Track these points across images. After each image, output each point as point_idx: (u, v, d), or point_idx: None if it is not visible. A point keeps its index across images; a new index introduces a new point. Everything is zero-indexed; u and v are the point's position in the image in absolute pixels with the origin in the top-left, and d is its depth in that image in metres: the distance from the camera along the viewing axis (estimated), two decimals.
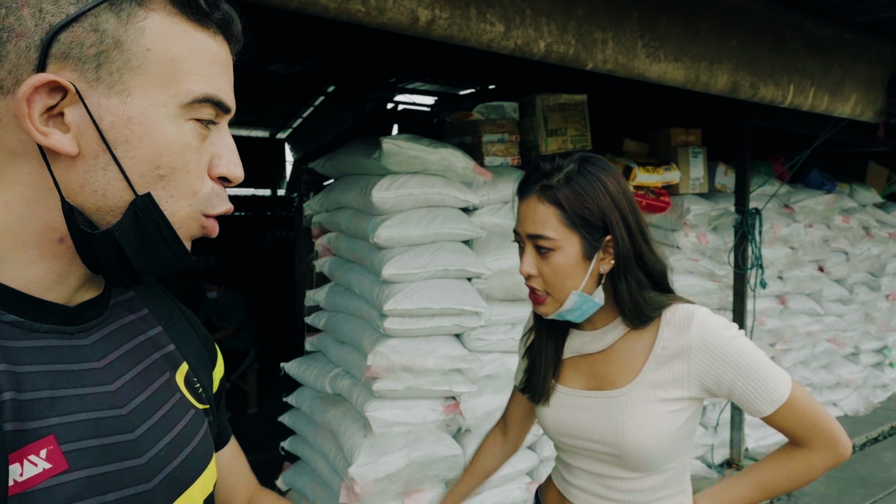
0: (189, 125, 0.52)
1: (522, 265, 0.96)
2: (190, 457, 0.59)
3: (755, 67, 1.97)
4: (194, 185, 0.53)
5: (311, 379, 2.37)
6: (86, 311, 0.55)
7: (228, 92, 0.55)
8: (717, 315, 0.94)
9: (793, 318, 3.63)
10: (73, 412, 0.49)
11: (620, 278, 0.93)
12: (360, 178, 2.20)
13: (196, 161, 0.53)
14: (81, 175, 0.49)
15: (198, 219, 0.55)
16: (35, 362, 0.49)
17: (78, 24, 0.47)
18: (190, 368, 0.65)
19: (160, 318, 0.65)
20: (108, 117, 0.48)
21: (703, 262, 3.11)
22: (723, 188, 3.29)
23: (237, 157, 0.56)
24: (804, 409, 0.91)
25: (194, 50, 0.51)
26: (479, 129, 2.38)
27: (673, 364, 0.93)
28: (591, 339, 1.01)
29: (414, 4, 1.26)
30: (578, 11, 1.53)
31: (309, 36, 3.42)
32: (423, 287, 2.04)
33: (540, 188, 0.94)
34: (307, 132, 8.07)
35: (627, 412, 0.94)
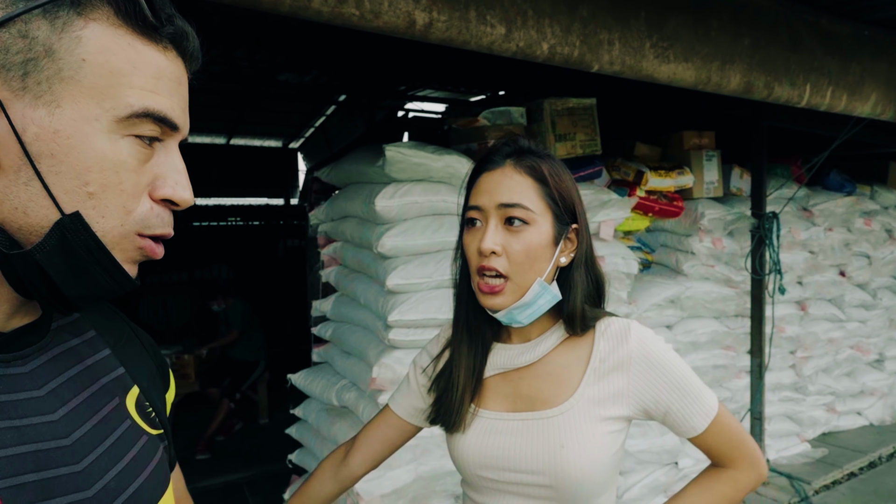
0: (126, 142, 0.48)
1: (485, 240, 0.82)
2: (143, 486, 0.55)
3: (769, 67, 1.91)
4: (128, 205, 0.49)
5: (318, 391, 2.33)
6: (23, 337, 0.52)
7: (177, 109, 0.51)
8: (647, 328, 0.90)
9: (814, 324, 3.52)
10: (9, 445, 0.46)
11: (578, 272, 0.87)
12: (364, 187, 2.17)
13: (132, 180, 0.49)
14: (1, 190, 0.46)
15: (132, 240, 0.51)
16: None
17: (4, 30, 0.44)
18: (141, 392, 0.62)
19: (109, 340, 0.62)
20: (32, 129, 0.45)
21: (719, 268, 3.02)
22: (738, 192, 3.21)
23: (185, 180, 0.53)
24: (730, 426, 0.88)
25: (137, 63, 0.48)
26: (485, 135, 2.34)
27: (612, 378, 0.85)
28: (518, 353, 0.89)
29: (410, 7, 1.23)
30: (583, 12, 1.48)
31: (318, 45, 3.41)
32: (428, 297, 2.00)
33: (516, 158, 0.86)
34: (319, 141, 8.11)
35: (566, 433, 0.83)
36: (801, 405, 3.52)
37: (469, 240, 0.86)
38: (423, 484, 2.05)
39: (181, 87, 0.52)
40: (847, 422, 3.82)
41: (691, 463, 2.83)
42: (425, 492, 2.06)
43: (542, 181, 0.84)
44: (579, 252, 0.88)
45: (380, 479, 1.97)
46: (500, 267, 0.82)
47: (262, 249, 7.79)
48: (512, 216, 0.82)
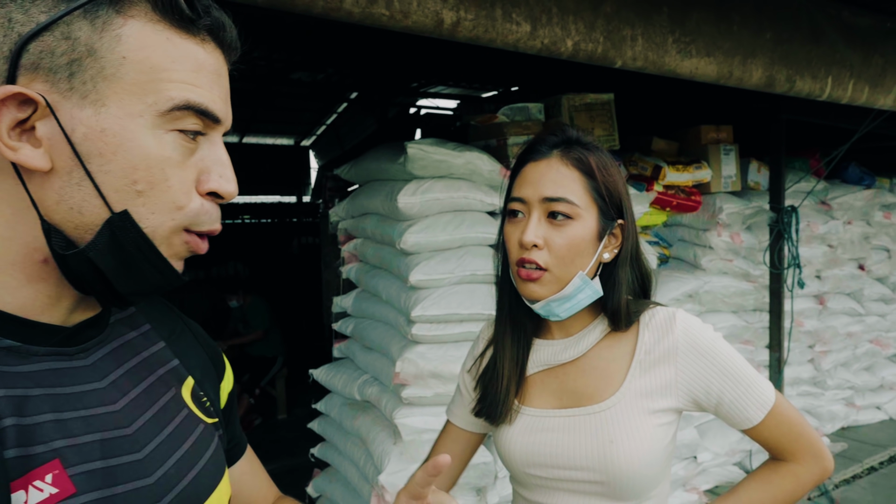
0: (170, 137, 0.49)
1: (527, 232, 0.80)
2: (201, 474, 0.57)
3: (791, 60, 1.91)
4: (178, 200, 0.50)
5: (340, 385, 2.36)
6: (84, 331, 0.54)
7: (218, 101, 0.51)
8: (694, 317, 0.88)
9: (832, 318, 3.50)
10: (78, 434, 0.48)
11: (622, 269, 0.85)
12: (385, 184, 2.19)
13: (179, 176, 0.50)
14: (57, 191, 0.47)
15: (180, 236, 0.51)
16: (36, 386, 0.47)
17: (48, 33, 0.45)
18: (196, 382, 0.63)
19: (163, 333, 0.63)
20: (80, 129, 0.46)
21: (738, 262, 3.02)
22: (756, 186, 3.20)
23: (230, 172, 0.53)
24: (790, 417, 0.84)
25: (177, 57, 0.48)
26: (503, 132, 2.35)
27: (659, 369, 0.83)
28: (562, 348, 0.88)
29: (438, 7, 1.25)
30: (606, 8, 1.49)
31: (331, 43, 3.44)
32: (450, 293, 2.02)
33: (563, 150, 0.83)
34: (331, 139, 8.14)
35: (615, 428, 0.81)
36: (820, 400, 3.50)
37: (510, 231, 0.84)
38: None
39: (221, 79, 0.52)
40: (866, 416, 3.80)
41: (710, 457, 2.84)
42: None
43: (589, 174, 0.82)
44: (624, 249, 0.85)
45: (404, 472, 2.00)
46: (540, 260, 0.81)
47: (277, 247, 7.85)
48: (556, 210, 0.81)
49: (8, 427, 0.44)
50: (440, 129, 4.39)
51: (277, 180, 8.82)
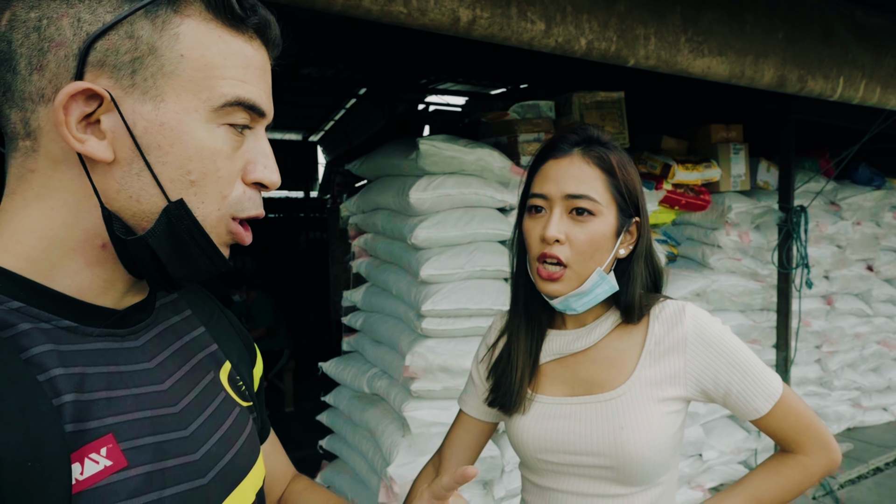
0: (221, 130, 0.52)
1: (550, 227, 0.82)
2: (238, 453, 0.60)
3: (803, 60, 1.91)
4: (224, 190, 0.53)
5: (349, 379, 2.39)
6: (134, 314, 0.56)
7: (263, 96, 0.54)
8: (703, 310, 0.90)
9: (840, 319, 3.50)
10: (130, 411, 0.51)
11: (637, 265, 0.87)
12: (396, 180, 2.21)
13: (227, 167, 0.53)
14: (118, 181, 0.50)
15: (227, 223, 0.55)
16: (91, 364, 0.50)
17: (114, 32, 0.47)
18: (233, 367, 0.66)
19: (202, 319, 0.67)
20: (141, 123, 0.49)
21: (746, 262, 3.02)
22: (765, 185, 3.20)
23: (273, 163, 0.56)
24: (797, 408, 0.86)
25: (228, 55, 0.51)
26: (514, 129, 2.37)
27: (668, 360, 0.86)
28: (574, 338, 0.90)
29: (455, 5, 1.26)
30: (620, 7, 1.50)
31: (341, 39, 3.45)
32: (460, 288, 2.04)
33: (585, 148, 0.85)
34: (339, 134, 8.16)
35: (625, 415, 0.84)
36: (827, 400, 3.51)
37: (531, 226, 0.86)
38: None
39: (266, 75, 0.55)
40: (873, 417, 3.80)
41: (715, 455, 2.85)
42: None
43: (610, 173, 0.85)
44: (640, 245, 0.88)
45: (412, 465, 2.02)
46: (562, 255, 0.83)
47: (284, 241, 7.89)
48: (579, 207, 0.83)
49: (67, 403, 0.47)
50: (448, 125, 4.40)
51: (285, 175, 8.73)
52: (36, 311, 0.49)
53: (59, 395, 0.46)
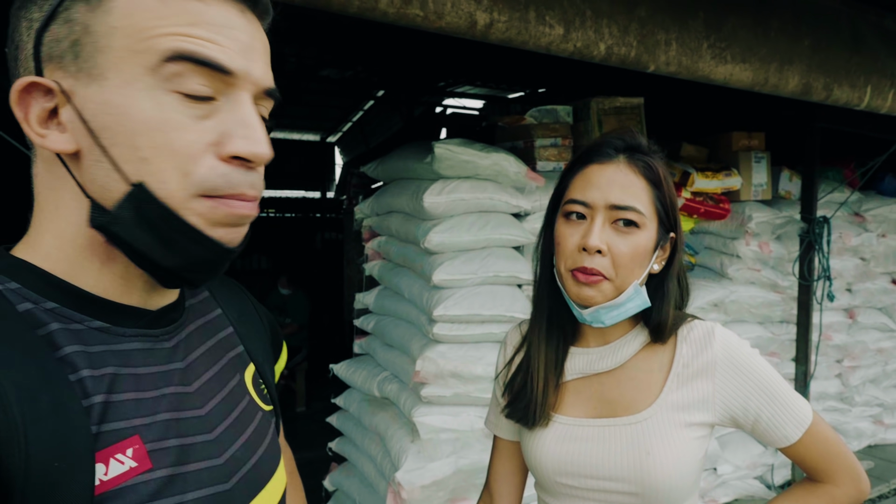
0: (170, 98, 0.47)
1: (592, 237, 0.77)
2: (261, 459, 0.59)
3: (829, 68, 1.86)
4: (185, 166, 0.47)
5: (360, 381, 2.38)
6: (167, 314, 0.56)
7: (229, 53, 0.48)
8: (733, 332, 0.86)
9: (862, 333, 3.41)
10: (157, 412, 0.50)
11: (672, 282, 0.84)
12: (411, 183, 2.20)
13: (183, 139, 0.47)
14: (88, 171, 0.48)
15: (201, 203, 0.48)
16: (123, 365, 0.50)
17: (54, 23, 0.47)
18: (256, 368, 0.65)
19: (232, 316, 0.65)
20: (90, 106, 0.47)
21: (766, 273, 2.96)
22: (787, 195, 3.13)
23: (255, 133, 0.49)
24: (827, 436, 0.83)
25: (164, 14, 0.46)
26: (531, 134, 2.35)
27: (696, 383, 0.82)
28: (598, 357, 0.86)
29: (472, 8, 1.25)
30: (641, 12, 1.48)
31: (360, 41, 3.46)
32: (473, 293, 2.02)
33: (630, 155, 0.81)
34: (356, 135, 8.20)
35: (651, 440, 0.80)
36: (847, 416, 3.42)
37: (568, 232, 0.82)
38: (462, 477, 2.07)
39: (235, 31, 0.49)
40: (895, 435, 3.70)
41: (730, 470, 2.79)
42: (465, 485, 2.09)
43: (655, 184, 0.81)
44: (675, 262, 0.85)
45: (420, 471, 2.01)
46: (601, 267, 0.79)
47: (300, 241, 7.94)
48: (624, 218, 0.79)
49: (97, 403, 0.47)
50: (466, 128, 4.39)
51: (302, 175, 8.92)
52: (70, 311, 0.49)
53: (88, 396, 0.47)
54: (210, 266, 0.52)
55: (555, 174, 2.33)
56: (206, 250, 0.50)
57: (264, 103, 0.53)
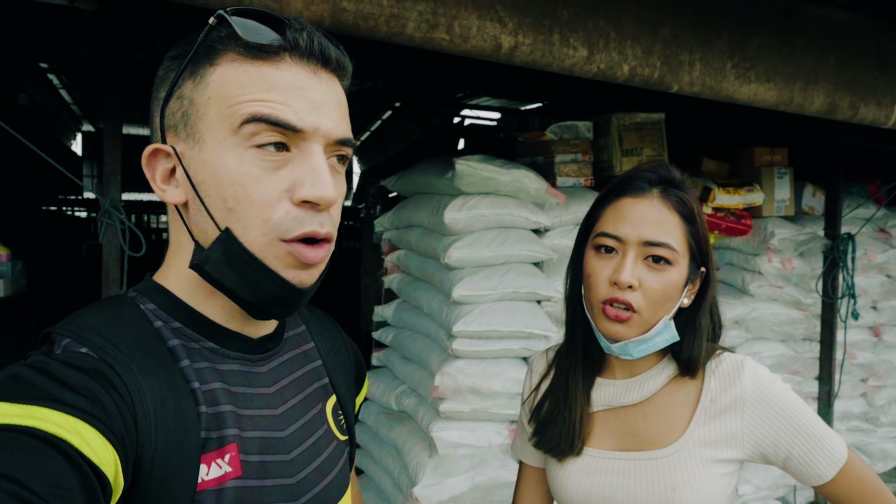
0: (249, 154, 0.54)
1: (624, 272, 0.77)
2: (330, 484, 0.64)
3: (855, 87, 1.84)
4: (263, 214, 0.54)
5: (378, 394, 2.39)
6: (265, 343, 0.63)
7: (299, 111, 0.54)
8: (763, 366, 0.85)
9: (888, 352, 3.34)
10: (248, 429, 0.57)
11: (704, 317, 0.84)
12: (431, 198, 2.22)
13: (260, 190, 0.54)
14: (192, 219, 0.57)
15: (279, 247, 0.55)
16: (225, 382, 0.57)
17: (172, 99, 0.56)
18: (338, 400, 0.71)
19: (323, 349, 0.72)
20: (193, 165, 0.56)
21: (788, 290, 2.92)
22: (810, 210, 3.09)
23: (322, 178, 0.55)
24: (864, 475, 0.80)
25: (246, 83, 0.54)
26: (551, 149, 2.35)
27: (724, 419, 0.81)
28: (625, 389, 0.86)
29: (497, 31, 1.26)
30: (665, 33, 1.48)
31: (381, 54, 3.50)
32: (492, 309, 2.03)
33: (664, 190, 0.81)
34: (375, 145, 8.27)
35: (678, 476, 0.80)
36: (872, 437, 3.34)
37: (599, 265, 0.82)
38: (479, 493, 2.07)
39: (306, 91, 0.55)
40: None
41: (752, 490, 2.74)
42: (482, 501, 2.08)
43: (689, 220, 0.81)
44: (707, 296, 0.84)
45: (438, 486, 2.01)
46: (633, 301, 0.78)
47: None
48: (657, 255, 0.79)
49: (204, 412, 0.54)
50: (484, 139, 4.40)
51: None
52: (189, 331, 0.58)
53: (198, 405, 0.54)
54: (285, 303, 0.58)
55: (575, 190, 2.33)
56: (280, 289, 0.56)
57: (341, 150, 0.59)
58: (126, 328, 0.54)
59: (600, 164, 2.47)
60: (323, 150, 0.56)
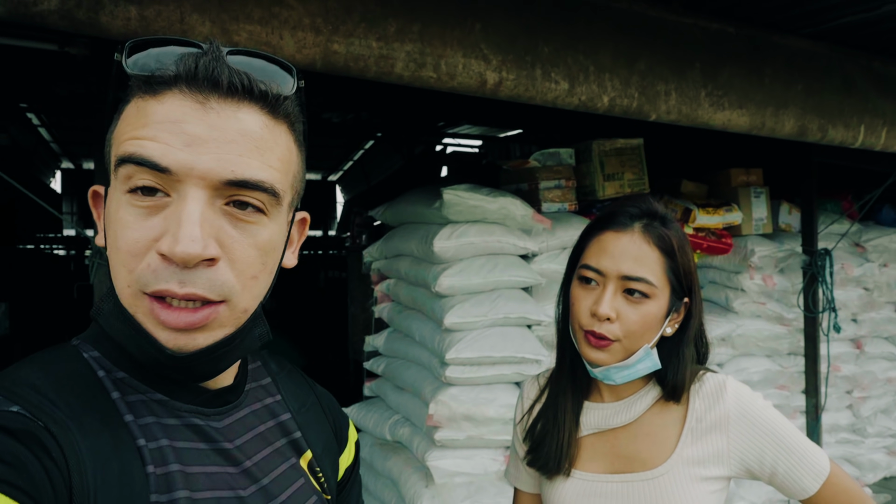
0: (125, 199, 0.49)
1: (602, 306, 0.81)
2: None
3: (823, 110, 1.93)
4: (129, 263, 0.48)
5: (371, 425, 2.38)
6: (223, 395, 0.57)
7: (169, 148, 0.47)
8: (744, 384, 0.88)
9: (870, 363, 3.41)
10: (201, 489, 0.51)
11: (688, 348, 0.87)
12: (420, 227, 2.25)
13: (127, 237, 0.48)
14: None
15: (143, 300, 0.48)
16: (173, 439, 0.51)
17: (106, 139, 0.53)
18: (314, 457, 0.64)
19: (293, 406, 0.66)
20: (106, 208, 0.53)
21: (771, 306, 2.98)
22: (787, 228, 3.18)
23: (184, 230, 0.46)
24: (847, 487, 0.83)
25: (131, 121, 0.50)
26: (535, 176, 2.40)
27: (710, 438, 0.84)
28: (613, 412, 0.89)
29: (482, 68, 1.31)
30: (641, 65, 1.55)
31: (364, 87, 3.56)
32: (484, 335, 2.04)
33: (645, 225, 0.84)
34: (357, 174, 8.32)
35: (669, 496, 0.82)
36: (860, 448, 3.39)
37: (581, 295, 0.85)
38: None
39: (181, 124, 0.48)
40: None
41: None
42: None
43: (669, 255, 0.83)
44: (690, 327, 0.87)
45: None
46: (609, 333, 0.82)
47: (303, 280, 7.95)
48: (634, 289, 0.82)
49: (151, 473, 0.48)
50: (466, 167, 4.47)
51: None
52: (136, 382, 0.52)
53: (146, 465, 0.48)
54: (174, 371, 0.51)
55: (560, 215, 2.38)
56: (157, 352, 0.49)
57: (241, 194, 0.49)
58: (66, 381, 0.48)
59: (583, 189, 2.53)
60: (205, 195, 0.48)
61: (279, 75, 0.53)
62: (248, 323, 0.53)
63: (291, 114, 0.54)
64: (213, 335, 0.50)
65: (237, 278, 0.50)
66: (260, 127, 0.50)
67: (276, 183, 0.51)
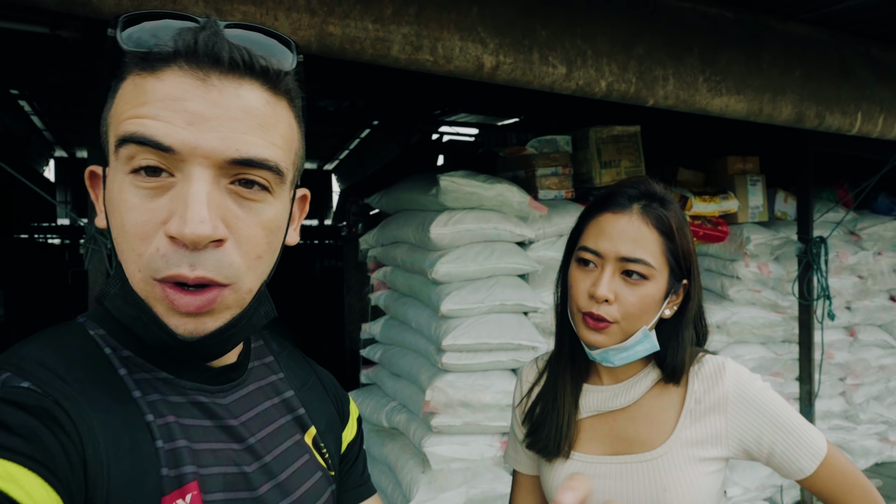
0: (128, 179, 0.47)
1: (600, 287, 0.81)
2: None
3: (821, 97, 1.93)
4: (137, 247, 0.47)
5: (368, 412, 2.38)
6: (227, 373, 0.58)
7: (171, 127, 0.46)
8: (743, 366, 0.88)
9: (864, 350, 3.44)
10: (208, 465, 0.51)
11: (687, 329, 0.87)
12: (416, 214, 2.24)
13: (133, 219, 0.47)
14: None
15: (155, 286, 0.48)
16: (180, 415, 0.52)
17: (101, 119, 0.52)
18: (318, 433, 0.65)
19: (295, 383, 0.66)
20: (107, 189, 0.51)
21: (766, 293, 3.00)
22: (783, 216, 3.19)
23: (191, 210, 0.45)
24: (843, 467, 0.83)
25: (129, 99, 0.48)
26: (532, 164, 2.40)
27: (709, 419, 0.84)
28: (612, 395, 0.89)
29: (479, 52, 1.30)
30: (639, 50, 1.54)
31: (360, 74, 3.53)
32: (480, 322, 2.05)
33: (644, 207, 0.83)
34: (353, 163, 8.29)
35: (668, 476, 0.82)
36: (853, 434, 3.42)
37: (579, 277, 0.85)
38: None
39: (182, 101, 0.46)
40: None
41: (740, 492, 2.79)
42: None
43: (668, 236, 0.83)
44: (690, 308, 0.87)
45: (432, 502, 2.00)
46: (608, 315, 0.82)
47: (299, 269, 7.94)
48: (632, 270, 0.81)
49: (160, 448, 0.49)
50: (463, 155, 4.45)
51: None
52: (141, 360, 0.52)
53: (155, 440, 0.49)
54: (183, 353, 0.51)
55: (556, 202, 2.37)
56: (168, 337, 0.49)
57: (246, 172, 0.49)
58: (74, 357, 0.49)
59: (580, 177, 2.53)
60: (210, 175, 0.47)
61: (278, 50, 0.52)
62: (254, 302, 0.53)
63: (291, 89, 0.53)
64: (221, 317, 0.50)
65: (243, 258, 0.50)
66: (262, 104, 0.49)
67: (280, 161, 0.51)
